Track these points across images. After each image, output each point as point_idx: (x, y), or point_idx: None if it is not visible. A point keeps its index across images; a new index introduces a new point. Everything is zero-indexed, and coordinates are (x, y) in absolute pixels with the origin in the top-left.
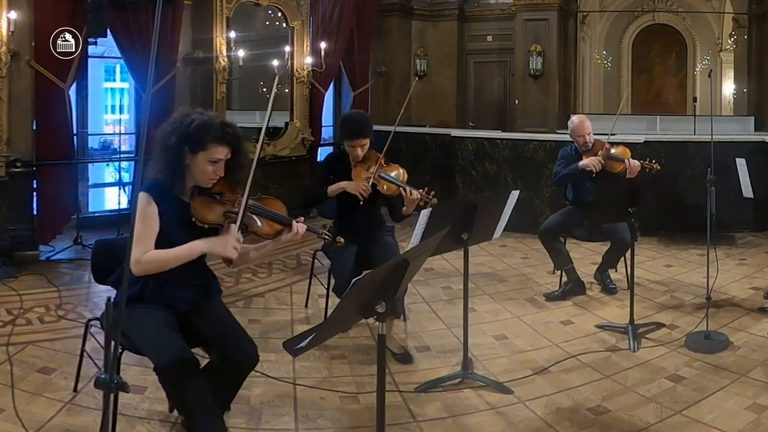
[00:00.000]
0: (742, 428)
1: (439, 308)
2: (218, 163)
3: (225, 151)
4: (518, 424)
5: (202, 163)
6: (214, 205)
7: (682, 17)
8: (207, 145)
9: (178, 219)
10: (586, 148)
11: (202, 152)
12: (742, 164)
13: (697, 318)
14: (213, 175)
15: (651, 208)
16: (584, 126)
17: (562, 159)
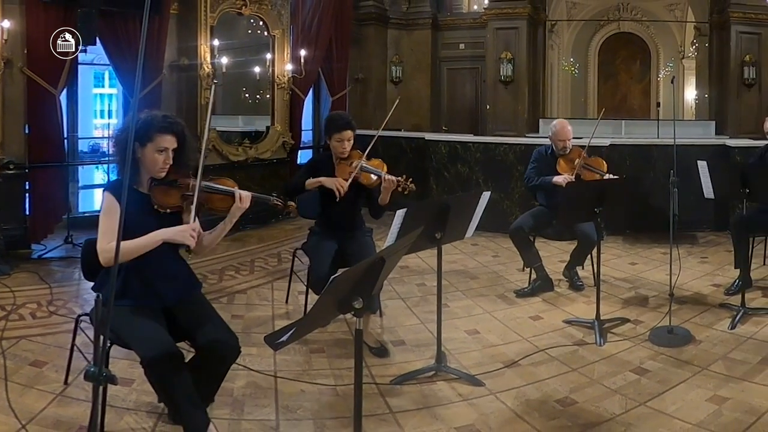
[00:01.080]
0: (703, 419)
1: (413, 304)
2: (165, 152)
3: (170, 140)
4: (489, 415)
5: (150, 153)
6: (171, 191)
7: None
8: (153, 136)
9: (141, 209)
10: (563, 152)
11: (150, 143)
12: (704, 167)
13: (661, 313)
14: (163, 164)
15: (616, 209)
16: (566, 131)
17: (535, 162)
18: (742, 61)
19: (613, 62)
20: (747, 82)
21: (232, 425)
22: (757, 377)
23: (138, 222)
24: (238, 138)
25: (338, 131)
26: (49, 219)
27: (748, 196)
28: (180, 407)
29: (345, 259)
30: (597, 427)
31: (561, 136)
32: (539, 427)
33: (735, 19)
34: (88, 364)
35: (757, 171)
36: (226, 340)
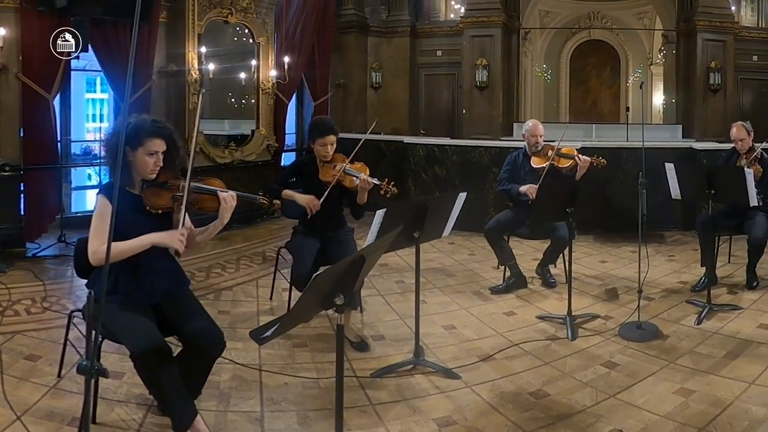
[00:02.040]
0: (670, 410)
1: (393, 300)
2: (156, 155)
3: (160, 143)
4: (465, 407)
5: (141, 156)
6: (162, 192)
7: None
8: (143, 140)
9: (133, 210)
10: (536, 149)
11: (141, 147)
12: (671, 168)
13: (630, 309)
14: (153, 167)
15: (587, 209)
16: (538, 128)
17: (508, 165)
18: (708, 68)
19: (584, 68)
20: (712, 88)
21: (219, 417)
22: (722, 371)
23: (131, 222)
24: (225, 141)
25: (322, 136)
26: (43, 219)
27: (713, 197)
28: (168, 399)
29: (327, 257)
30: (568, 419)
31: (534, 132)
32: (513, 419)
33: (701, 27)
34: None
35: (721, 173)
36: (212, 334)
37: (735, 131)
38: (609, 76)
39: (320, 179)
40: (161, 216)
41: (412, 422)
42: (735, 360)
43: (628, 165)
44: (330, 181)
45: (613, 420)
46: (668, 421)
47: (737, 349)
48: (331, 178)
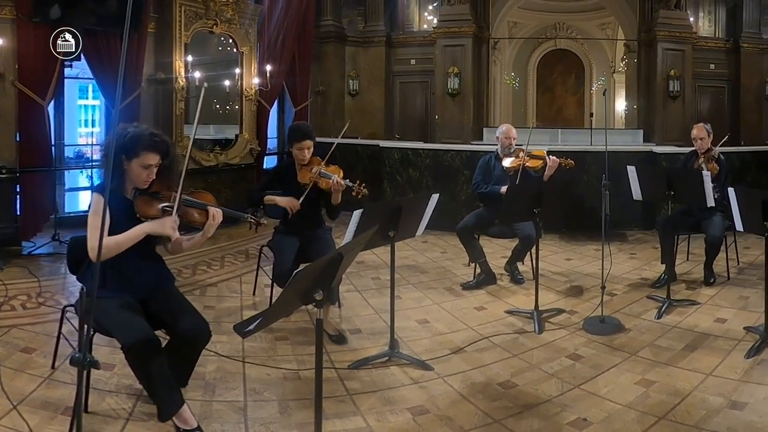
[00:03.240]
0: (632, 400)
1: (369, 296)
2: (150, 168)
3: (155, 158)
4: (438, 397)
5: (136, 168)
6: (153, 202)
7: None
8: (139, 153)
9: (124, 213)
10: (509, 151)
11: (136, 159)
12: (632, 171)
13: (593, 304)
14: (147, 179)
15: (553, 209)
16: (512, 131)
17: (480, 169)
18: (668, 76)
19: (551, 76)
20: (672, 95)
21: (204, 406)
22: (681, 362)
23: (122, 225)
24: (210, 145)
25: (299, 141)
26: (38, 219)
27: (672, 198)
28: (156, 389)
29: (307, 255)
30: (536, 408)
31: (508, 135)
32: (483, 408)
33: (661, 37)
34: (73, 351)
35: (681, 175)
36: (199, 326)
37: (696, 131)
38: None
39: (299, 181)
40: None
41: (388, 411)
42: (693, 352)
43: (591, 168)
44: (308, 183)
45: (578, 409)
46: (630, 410)
47: (695, 342)
48: (308, 180)
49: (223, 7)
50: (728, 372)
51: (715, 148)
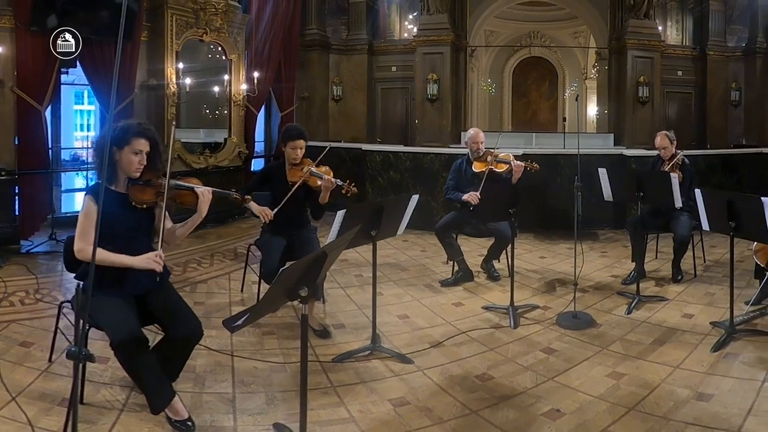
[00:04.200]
0: (603, 392)
1: (352, 292)
2: (140, 153)
3: (144, 143)
4: (418, 389)
5: (127, 155)
6: (146, 189)
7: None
8: (130, 140)
9: (119, 206)
10: (477, 155)
11: (127, 146)
12: (603, 173)
13: (566, 300)
14: (138, 165)
15: (528, 209)
16: (479, 136)
17: (453, 173)
18: (637, 82)
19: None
20: (641, 100)
21: (195, 398)
22: (650, 356)
23: (117, 216)
24: (200, 148)
25: (293, 139)
26: (36, 218)
27: (642, 198)
28: (145, 383)
29: (292, 253)
30: (511, 399)
31: (475, 140)
32: (461, 399)
33: (631, 45)
34: (69, 345)
35: (650, 177)
36: (192, 325)
37: (659, 140)
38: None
39: (288, 180)
40: (145, 210)
41: (370, 402)
42: (661, 346)
43: (564, 170)
44: (297, 181)
45: (552, 400)
46: (601, 402)
47: (663, 336)
48: (298, 179)
49: (212, 16)
50: (695, 365)
51: (679, 153)
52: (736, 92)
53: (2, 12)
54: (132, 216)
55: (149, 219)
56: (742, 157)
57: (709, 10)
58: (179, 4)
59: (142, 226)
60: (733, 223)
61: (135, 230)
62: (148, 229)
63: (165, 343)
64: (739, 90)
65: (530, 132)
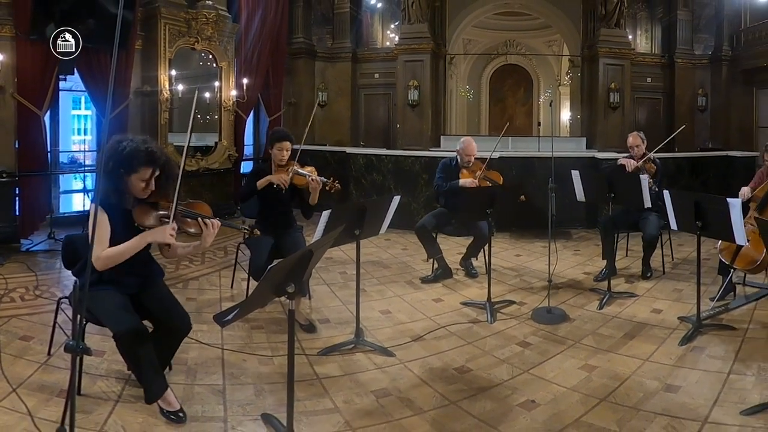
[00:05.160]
0: (576, 384)
1: (336, 289)
2: (147, 181)
3: (152, 171)
4: (399, 380)
5: (135, 182)
6: (151, 212)
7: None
8: (137, 168)
9: (123, 223)
10: (467, 165)
11: (134, 174)
12: (576, 175)
13: (541, 296)
14: (145, 191)
15: (504, 210)
16: (472, 147)
17: (441, 172)
18: (608, 88)
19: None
20: (612, 105)
21: (186, 389)
22: (621, 349)
23: (119, 233)
24: (192, 151)
25: (279, 141)
26: (35, 218)
27: (613, 199)
28: (144, 373)
29: (280, 251)
30: (488, 391)
31: (468, 152)
32: (441, 391)
33: (602, 53)
34: (67, 339)
35: (621, 179)
36: (181, 318)
37: (631, 139)
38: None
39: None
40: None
41: (354, 394)
42: (632, 340)
43: (539, 172)
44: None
45: (527, 392)
46: (574, 393)
47: (633, 330)
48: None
49: (203, 26)
50: (663, 358)
51: (649, 153)
52: (702, 98)
53: (3, 21)
54: (133, 234)
55: None
56: (708, 160)
57: (677, 19)
58: (172, 14)
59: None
60: (699, 223)
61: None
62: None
63: (156, 335)
64: (705, 96)
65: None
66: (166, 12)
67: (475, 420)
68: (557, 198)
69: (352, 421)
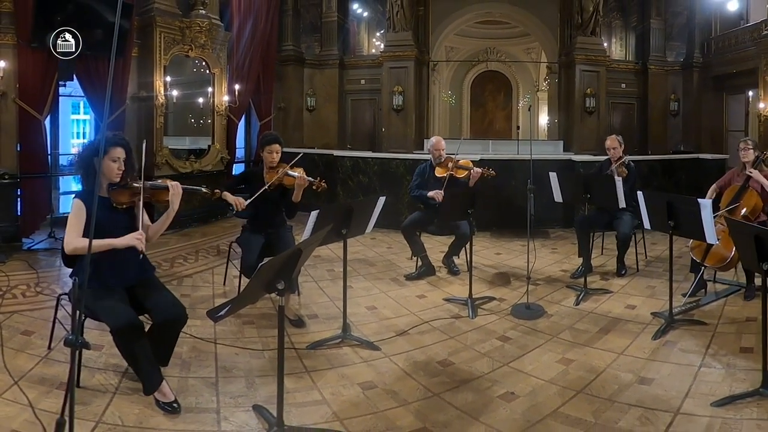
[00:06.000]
0: (554, 376)
1: (324, 286)
2: (118, 160)
3: (120, 151)
4: (385, 374)
5: (107, 163)
6: (125, 191)
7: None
8: (108, 150)
9: (103, 208)
10: (439, 160)
11: (106, 155)
12: (554, 176)
13: (520, 293)
14: (118, 171)
15: (485, 210)
16: (440, 143)
17: (417, 176)
18: (585, 94)
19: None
20: (588, 110)
21: (181, 381)
22: (596, 343)
23: (102, 218)
24: (186, 154)
25: (269, 144)
26: (36, 218)
27: (589, 200)
28: (140, 366)
29: (270, 250)
30: (470, 383)
31: (437, 147)
32: (424, 383)
33: (579, 60)
34: (67, 334)
35: (596, 180)
36: (176, 311)
37: (609, 142)
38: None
39: (266, 180)
40: (126, 210)
41: (341, 386)
42: (607, 335)
43: (518, 174)
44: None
45: (507, 384)
46: (552, 385)
47: (608, 325)
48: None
49: (197, 34)
50: (637, 352)
51: (625, 156)
52: (674, 103)
53: (5, 30)
54: (114, 216)
55: (129, 218)
56: (680, 162)
57: (650, 27)
58: (167, 23)
59: (124, 224)
60: (672, 222)
61: (118, 228)
62: (129, 227)
63: (154, 329)
64: (677, 101)
65: (487, 139)
66: (162, 21)
67: (457, 411)
68: (536, 199)
69: (339, 412)
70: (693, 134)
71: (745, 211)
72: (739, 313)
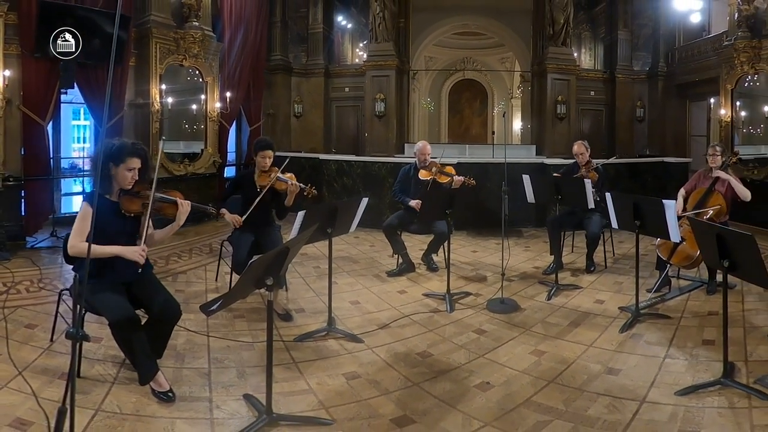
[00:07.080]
0: (527, 367)
1: (311, 281)
2: (133, 170)
3: (137, 162)
4: (367, 364)
5: (122, 171)
6: (135, 200)
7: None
8: (125, 159)
9: (111, 213)
10: (424, 164)
11: (122, 164)
12: (527, 179)
13: (495, 288)
14: (131, 179)
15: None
16: (426, 149)
17: (401, 178)
18: (556, 101)
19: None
20: (559, 116)
21: (175, 372)
22: (567, 336)
23: (109, 222)
24: (180, 158)
25: (263, 149)
26: (39, 218)
27: (560, 201)
28: (137, 358)
29: (259, 248)
30: (448, 373)
31: (423, 152)
32: (405, 373)
33: (550, 69)
34: (68, 327)
35: (567, 183)
36: (171, 305)
37: (576, 147)
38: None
39: (258, 184)
40: (132, 218)
41: (326, 376)
42: (577, 328)
43: (493, 176)
44: (266, 185)
45: (482, 374)
46: (525, 375)
47: (578, 319)
48: (266, 183)
49: (191, 44)
50: (605, 344)
51: (593, 160)
52: (641, 110)
53: (10, 41)
54: (120, 222)
55: (135, 224)
56: (646, 165)
57: (618, 39)
58: (162, 34)
59: (129, 230)
60: (638, 222)
61: (122, 233)
62: (133, 232)
63: (150, 323)
64: (643, 108)
65: (464, 144)
66: (157, 32)
67: (436, 400)
68: (510, 200)
69: (324, 400)
70: (658, 139)
71: (711, 213)
72: (701, 308)
